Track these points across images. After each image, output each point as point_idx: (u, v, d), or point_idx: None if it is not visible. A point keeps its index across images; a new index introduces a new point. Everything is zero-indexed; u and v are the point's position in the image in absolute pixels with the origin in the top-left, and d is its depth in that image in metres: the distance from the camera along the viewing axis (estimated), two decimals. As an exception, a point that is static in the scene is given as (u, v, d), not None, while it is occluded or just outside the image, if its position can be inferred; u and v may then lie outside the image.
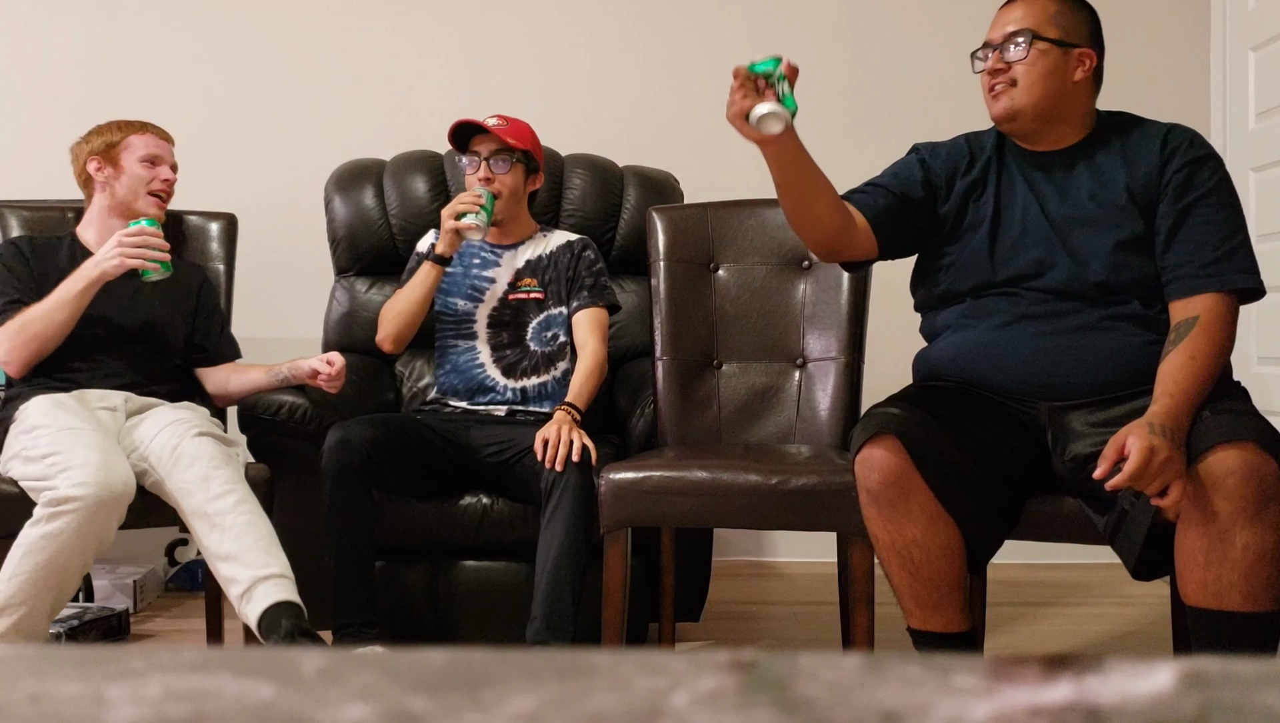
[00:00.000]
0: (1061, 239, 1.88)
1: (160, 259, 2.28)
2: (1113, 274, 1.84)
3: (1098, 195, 1.88)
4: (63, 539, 1.94)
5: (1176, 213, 1.82)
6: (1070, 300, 1.85)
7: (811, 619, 2.84)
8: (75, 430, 2.09)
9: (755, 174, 3.50)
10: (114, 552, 3.21)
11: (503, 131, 2.49)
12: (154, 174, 2.48)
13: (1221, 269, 1.78)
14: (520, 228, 2.62)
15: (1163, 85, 3.52)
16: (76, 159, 2.50)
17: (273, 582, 2.01)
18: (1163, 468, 1.58)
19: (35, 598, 1.96)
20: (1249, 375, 3.39)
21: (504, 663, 0.47)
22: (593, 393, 2.42)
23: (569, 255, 2.58)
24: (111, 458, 2.05)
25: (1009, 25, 1.90)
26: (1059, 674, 0.45)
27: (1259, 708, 0.42)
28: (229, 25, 3.48)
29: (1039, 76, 1.88)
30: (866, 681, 0.45)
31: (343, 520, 2.21)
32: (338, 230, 2.96)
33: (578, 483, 2.17)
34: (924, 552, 1.74)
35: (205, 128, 3.42)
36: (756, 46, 3.59)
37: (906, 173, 2.03)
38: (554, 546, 2.14)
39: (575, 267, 2.57)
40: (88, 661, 0.47)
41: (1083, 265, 1.86)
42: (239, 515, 2.05)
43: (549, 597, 2.12)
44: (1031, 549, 3.51)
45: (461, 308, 2.56)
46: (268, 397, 2.38)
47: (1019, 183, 1.95)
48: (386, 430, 2.29)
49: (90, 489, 1.95)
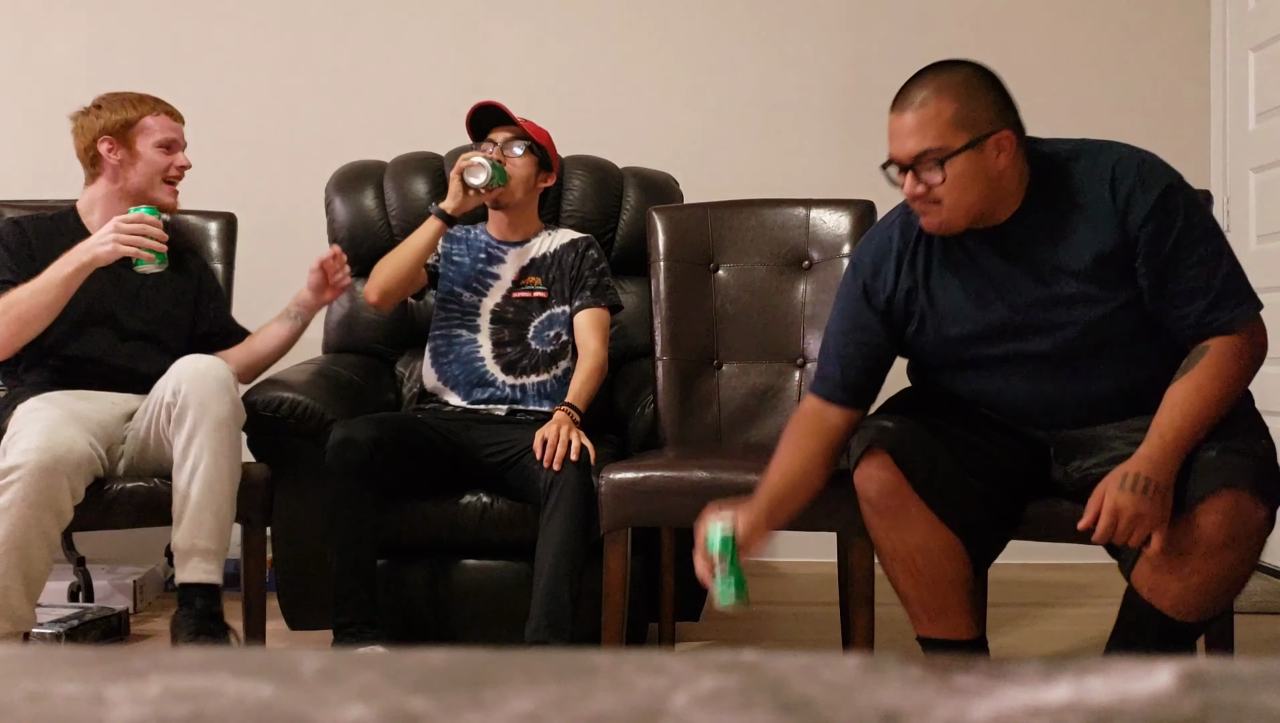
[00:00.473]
0: (1029, 321, 1.77)
1: (156, 249, 2.22)
2: (1094, 338, 1.76)
3: (1060, 266, 1.74)
4: (13, 511, 1.94)
5: (1156, 271, 1.71)
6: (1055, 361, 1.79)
7: (811, 619, 2.84)
8: (37, 411, 2.09)
9: (755, 175, 3.52)
10: (114, 552, 3.22)
11: (521, 121, 2.55)
12: (170, 160, 2.40)
13: (1219, 315, 1.71)
14: (527, 225, 2.63)
15: (1163, 85, 3.52)
16: (84, 132, 2.38)
17: (198, 559, 2.10)
18: (1133, 524, 1.59)
19: (4, 577, 1.95)
20: (1249, 375, 3.39)
21: (504, 663, 0.47)
22: (592, 394, 2.42)
23: (573, 254, 2.58)
24: (58, 427, 2.04)
25: (909, 144, 1.72)
26: (1059, 674, 0.45)
27: (1259, 708, 0.42)
28: (229, 26, 3.48)
29: (962, 188, 1.70)
30: (866, 681, 0.45)
31: (345, 519, 2.21)
32: (338, 232, 2.96)
33: (577, 483, 2.17)
34: (926, 556, 1.74)
35: (205, 128, 3.41)
36: (756, 47, 3.60)
37: (866, 334, 1.89)
38: (553, 545, 2.14)
39: (579, 266, 2.57)
40: (88, 661, 0.47)
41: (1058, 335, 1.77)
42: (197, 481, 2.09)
43: (547, 597, 2.12)
44: (1031, 549, 3.51)
45: (467, 299, 2.57)
46: (268, 394, 2.37)
47: (965, 268, 1.81)
48: (389, 430, 2.29)
49: (31, 456, 1.95)
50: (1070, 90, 3.50)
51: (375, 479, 2.23)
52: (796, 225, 2.52)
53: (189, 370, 2.14)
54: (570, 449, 2.19)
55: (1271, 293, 3.30)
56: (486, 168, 2.46)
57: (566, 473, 2.17)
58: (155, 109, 2.40)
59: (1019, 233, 1.76)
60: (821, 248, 2.50)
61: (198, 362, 2.17)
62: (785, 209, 2.54)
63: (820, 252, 2.50)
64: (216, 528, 2.12)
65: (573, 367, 2.51)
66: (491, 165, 2.47)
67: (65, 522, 2.03)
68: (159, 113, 2.40)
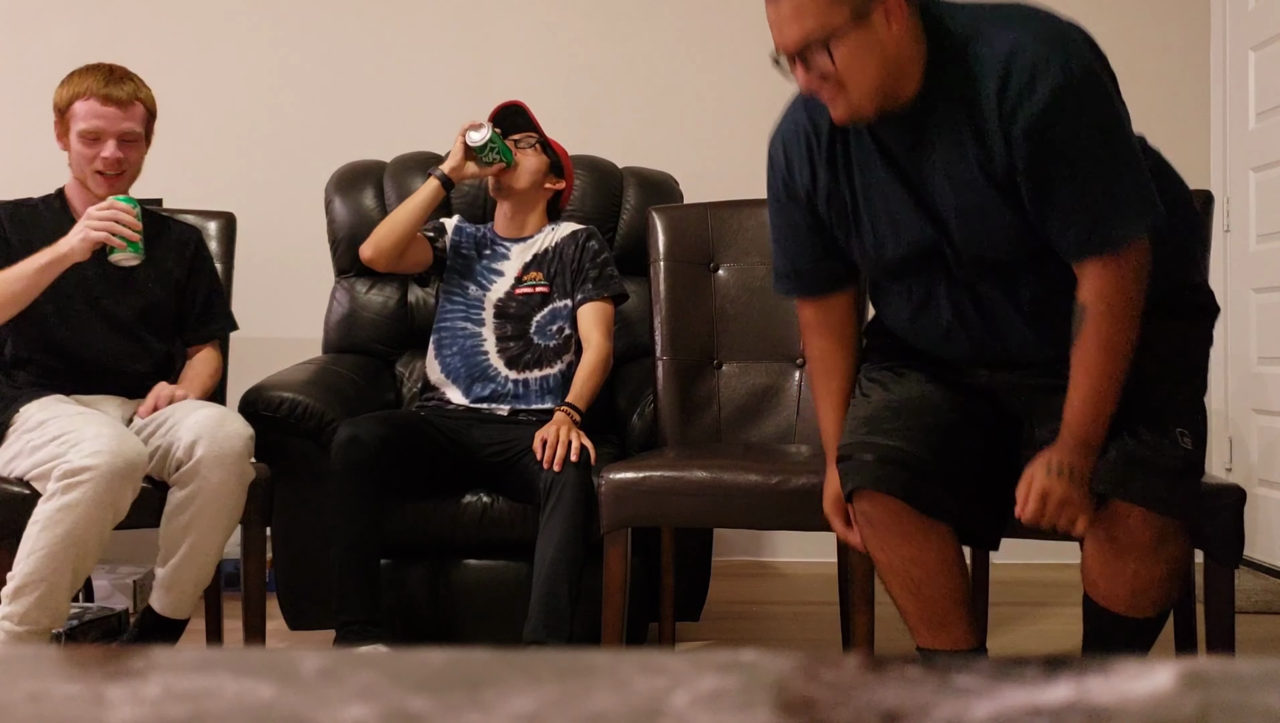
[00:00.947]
0: (941, 225, 1.66)
1: (128, 237, 2.14)
2: (1011, 251, 1.65)
3: (955, 174, 1.62)
4: (79, 511, 1.94)
5: (1034, 186, 1.57)
6: (974, 271, 1.69)
7: (811, 619, 2.84)
8: (83, 414, 2.11)
9: (755, 175, 3.51)
10: (114, 552, 3.21)
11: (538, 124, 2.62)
12: (95, 152, 2.22)
13: (1098, 234, 1.57)
14: (531, 222, 2.64)
15: (1163, 85, 3.52)
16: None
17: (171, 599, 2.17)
18: (1060, 509, 1.59)
19: (55, 573, 1.95)
20: (1249, 375, 3.40)
21: (504, 663, 0.47)
22: (594, 391, 2.42)
23: (573, 246, 2.59)
24: (121, 430, 2.06)
25: (791, 32, 1.60)
26: (1059, 674, 0.45)
27: (1259, 708, 0.42)
28: (229, 27, 3.48)
29: (860, 67, 1.56)
30: (866, 681, 0.45)
31: (349, 518, 2.20)
32: (338, 231, 2.96)
33: (576, 483, 2.17)
34: (922, 569, 1.74)
35: (205, 129, 3.42)
36: (756, 48, 3.59)
37: (804, 230, 1.81)
38: (552, 546, 2.15)
39: (579, 258, 2.57)
40: (88, 661, 0.47)
41: (975, 246, 1.66)
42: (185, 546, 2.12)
43: (546, 597, 2.12)
44: (1031, 549, 3.51)
45: (472, 292, 2.59)
46: (268, 393, 2.37)
47: (875, 162, 1.69)
48: (394, 429, 2.29)
49: (104, 458, 1.95)
50: (1070, 90, 3.50)
51: (380, 478, 2.23)
52: (796, 225, 2.52)
53: (210, 434, 2.09)
54: (570, 450, 2.19)
55: (1271, 293, 3.31)
56: (488, 130, 2.49)
57: (566, 474, 2.17)
58: (89, 92, 2.20)
59: (929, 122, 1.62)
60: (821, 248, 2.49)
61: (225, 425, 2.13)
62: (785, 209, 2.54)
63: (820, 251, 2.50)
64: (195, 583, 2.16)
65: (577, 361, 2.51)
66: (494, 136, 2.50)
67: (120, 519, 2.03)
68: (90, 96, 2.20)
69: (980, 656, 1.82)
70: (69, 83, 2.26)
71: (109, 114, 2.22)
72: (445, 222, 2.70)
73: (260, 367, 2.66)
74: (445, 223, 2.70)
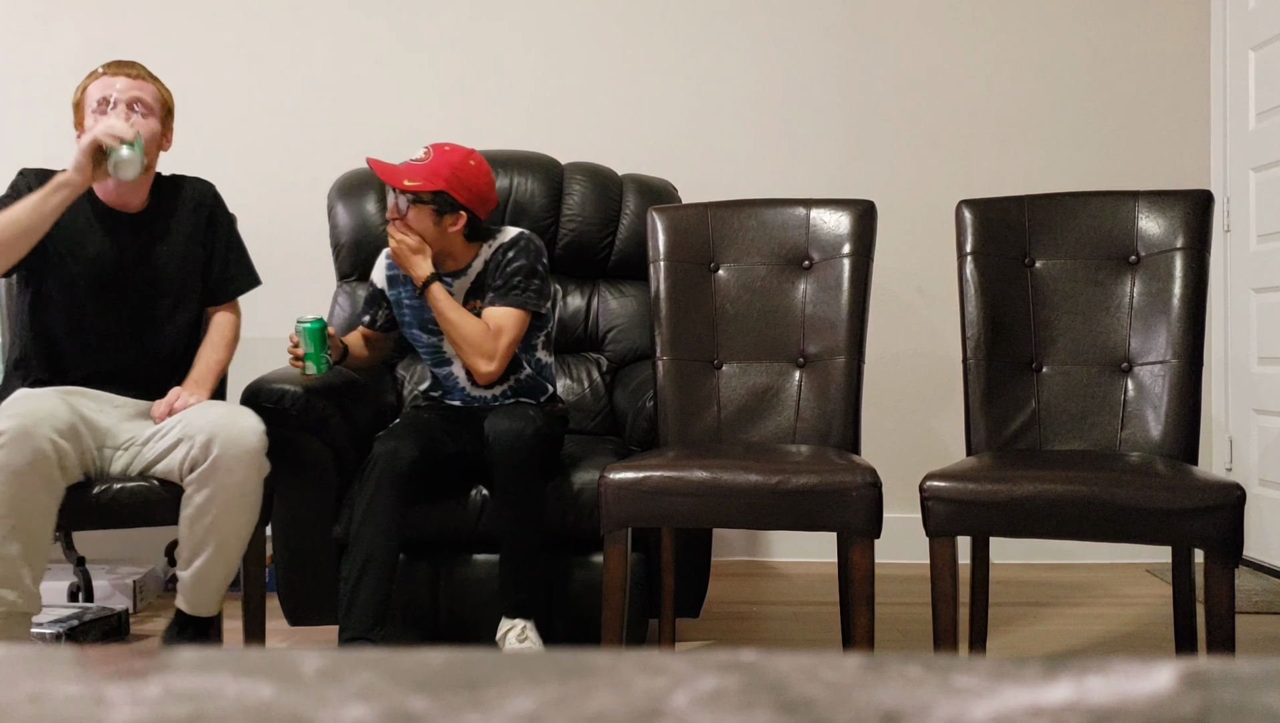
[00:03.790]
0: None
1: (124, 136, 2.11)
2: None
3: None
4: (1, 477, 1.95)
5: None
6: None
7: (811, 619, 2.84)
8: (35, 396, 2.12)
9: (752, 182, 3.52)
10: (114, 552, 3.22)
11: (414, 170, 2.34)
12: (102, 116, 2.24)
13: None
14: (460, 256, 2.45)
15: (1163, 85, 3.52)
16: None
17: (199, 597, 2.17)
18: None
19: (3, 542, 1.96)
20: (1249, 375, 3.40)
21: (504, 663, 0.47)
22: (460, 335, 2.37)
23: (496, 261, 2.45)
24: (43, 398, 2.09)
25: None
26: (1059, 674, 0.45)
27: (1259, 708, 0.42)
28: (230, 29, 3.48)
29: None
30: (866, 681, 0.45)
31: (376, 529, 2.19)
32: (340, 236, 2.98)
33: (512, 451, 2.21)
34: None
35: (207, 130, 3.42)
36: (756, 54, 3.61)
37: None
38: (506, 522, 2.24)
39: (495, 271, 2.44)
40: (88, 661, 0.47)
41: None
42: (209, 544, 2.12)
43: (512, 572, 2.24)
44: (1031, 549, 3.52)
45: (426, 340, 2.52)
46: (269, 387, 2.38)
47: None
48: (430, 442, 2.31)
49: (14, 420, 1.98)
50: (1070, 90, 3.50)
51: (412, 493, 2.25)
52: (796, 225, 2.52)
53: (224, 432, 2.10)
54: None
55: (1272, 293, 3.31)
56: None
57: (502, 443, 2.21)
58: (98, 75, 2.29)
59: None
60: (821, 248, 2.50)
61: (237, 421, 2.14)
62: (785, 209, 2.54)
63: (820, 252, 2.50)
64: (223, 580, 2.17)
65: (533, 364, 2.52)
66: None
67: (57, 490, 2.03)
68: (100, 77, 2.29)
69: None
70: (82, 84, 2.31)
71: (118, 83, 2.27)
72: (375, 282, 2.57)
73: (261, 369, 2.66)
74: (376, 284, 2.57)
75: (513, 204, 2.95)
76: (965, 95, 3.53)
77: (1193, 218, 2.33)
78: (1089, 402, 2.33)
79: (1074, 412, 2.34)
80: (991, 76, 3.51)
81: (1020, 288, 2.40)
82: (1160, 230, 2.35)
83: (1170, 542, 1.97)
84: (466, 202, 2.37)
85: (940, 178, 3.50)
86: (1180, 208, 2.34)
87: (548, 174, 2.99)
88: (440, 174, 2.35)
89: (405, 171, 2.35)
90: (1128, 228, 2.38)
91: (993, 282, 2.40)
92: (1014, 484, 1.96)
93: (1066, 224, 2.41)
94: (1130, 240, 2.37)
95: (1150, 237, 2.36)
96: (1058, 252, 2.41)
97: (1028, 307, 2.39)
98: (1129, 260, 2.37)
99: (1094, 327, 2.37)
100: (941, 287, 3.42)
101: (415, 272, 2.37)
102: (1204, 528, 1.87)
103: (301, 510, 2.38)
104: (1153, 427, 2.27)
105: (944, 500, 1.99)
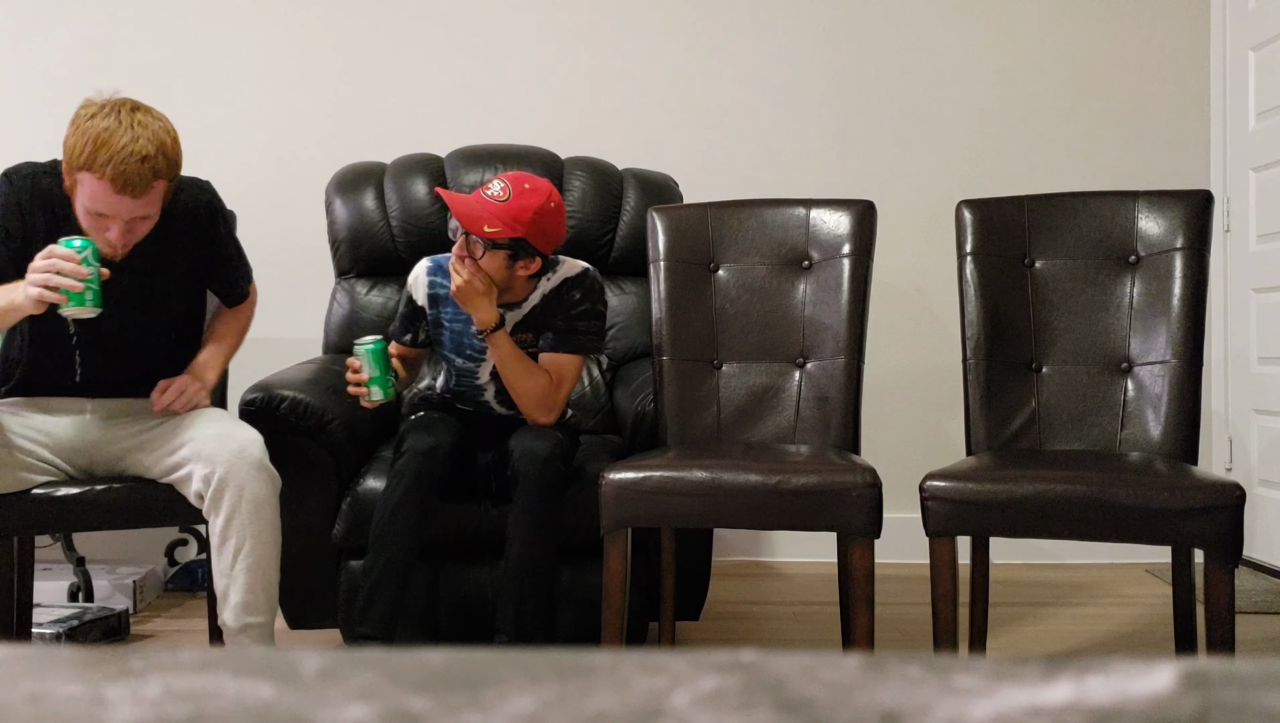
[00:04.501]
0: None
1: (71, 288, 1.92)
2: None
3: None
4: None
5: None
6: None
7: (811, 619, 2.84)
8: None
9: (753, 177, 3.52)
10: (114, 552, 3.22)
11: (494, 213, 2.17)
12: (100, 226, 2.06)
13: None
14: (519, 291, 2.33)
15: (1163, 85, 3.52)
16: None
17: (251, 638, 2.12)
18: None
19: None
20: (1249, 375, 3.40)
21: (504, 663, 0.47)
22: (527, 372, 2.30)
23: (556, 298, 2.34)
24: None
25: None
26: (1059, 674, 0.45)
27: (1259, 708, 0.42)
28: (230, 27, 3.48)
29: None
30: (866, 681, 0.45)
31: (406, 528, 2.16)
32: (338, 233, 2.97)
33: (541, 472, 2.17)
34: None
35: (206, 128, 3.42)
36: (756, 48, 3.60)
37: None
38: (518, 542, 2.17)
39: (555, 309, 2.34)
40: (88, 661, 0.47)
41: None
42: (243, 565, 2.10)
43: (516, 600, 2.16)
44: (1031, 549, 3.52)
45: (461, 365, 2.41)
46: (269, 391, 2.37)
47: None
48: (460, 443, 2.28)
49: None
50: (1070, 90, 3.50)
51: (438, 492, 2.23)
52: (796, 225, 2.52)
53: (224, 451, 2.09)
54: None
55: (1272, 293, 3.31)
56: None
57: (529, 462, 2.17)
58: (102, 170, 1.97)
59: None
60: (821, 248, 2.50)
61: (235, 436, 2.12)
62: (785, 209, 2.54)
63: (820, 252, 2.50)
64: (266, 602, 2.13)
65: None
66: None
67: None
68: (101, 177, 1.98)
69: None
70: (81, 135, 2.00)
71: (121, 204, 2.01)
72: (415, 298, 2.40)
73: (260, 367, 2.66)
74: (416, 300, 2.40)
75: (513, 203, 2.95)
76: (965, 95, 3.53)
77: (1192, 218, 2.33)
78: (1089, 402, 2.33)
79: (1074, 412, 2.34)
80: (991, 76, 3.51)
81: (1020, 288, 2.40)
82: (1160, 230, 2.35)
83: (1170, 542, 1.97)
84: (542, 247, 2.23)
85: (940, 178, 3.50)
86: (1180, 208, 2.34)
87: (548, 169, 2.99)
88: (522, 220, 2.17)
89: (484, 215, 2.16)
90: (1128, 228, 2.38)
91: (993, 282, 2.40)
92: (1014, 484, 1.96)
93: (1066, 224, 2.41)
94: (1130, 240, 2.37)
95: (1150, 237, 2.36)
96: (1058, 252, 2.41)
97: (1028, 307, 2.39)
98: (1129, 260, 2.37)
99: (1094, 327, 2.37)
100: (941, 287, 3.42)
101: (481, 316, 2.24)
102: (1204, 528, 1.87)
103: (301, 515, 2.38)
104: (1152, 427, 2.27)
105: (944, 500, 1.99)
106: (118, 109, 2.02)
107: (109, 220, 2.04)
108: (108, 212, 2.02)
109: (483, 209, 2.17)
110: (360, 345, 2.21)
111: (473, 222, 2.16)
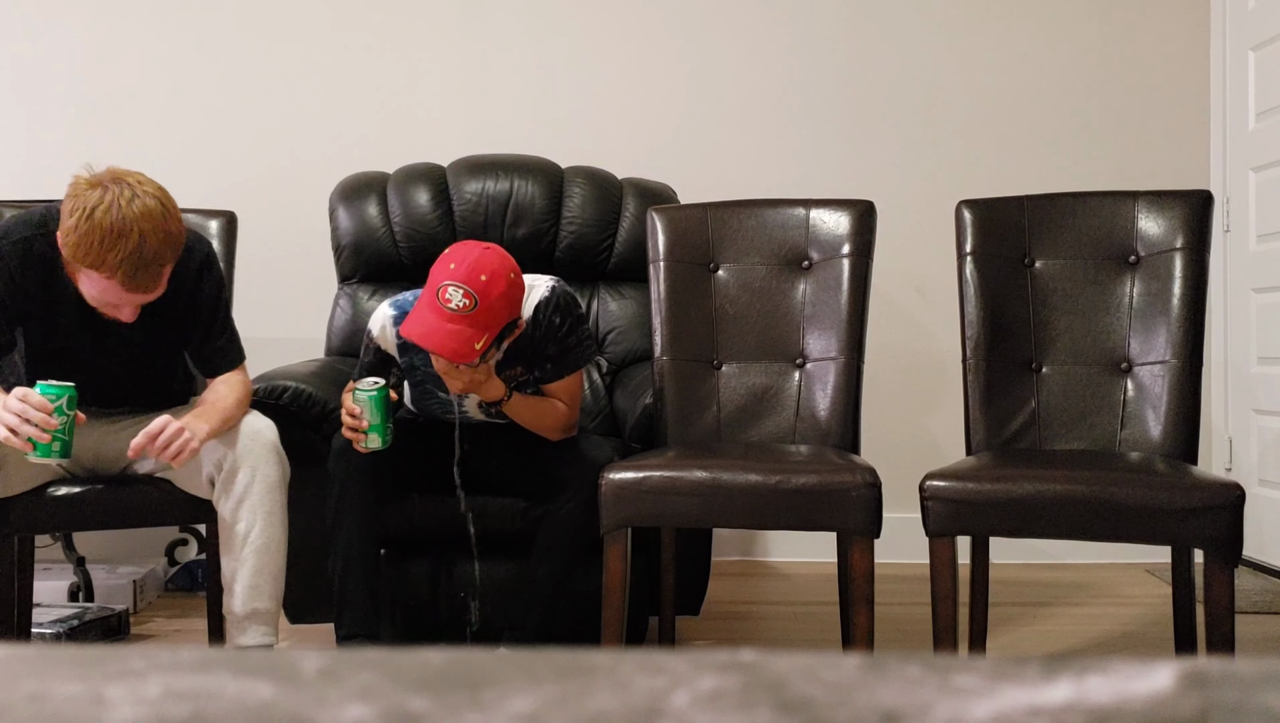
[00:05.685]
0: None
1: (39, 438, 1.90)
2: None
3: None
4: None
5: None
6: None
7: (811, 619, 2.84)
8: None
9: (751, 186, 3.52)
10: (114, 552, 3.22)
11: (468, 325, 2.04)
12: (108, 306, 2.05)
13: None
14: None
15: (1163, 85, 3.52)
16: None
17: (257, 624, 2.13)
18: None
19: None
20: (1248, 375, 3.40)
21: (504, 663, 0.47)
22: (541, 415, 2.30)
23: (536, 327, 2.25)
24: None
25: None
26: (1059, 674, 0.45)
27: (1259, 708, 0.42)
28: (231, 33, 3.48)
29: None
30: (866, 681, 0.45)
31: (351, 524, 2.19)
32: (342, 239, 2.99)
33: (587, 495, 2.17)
34: None
35: (207, 132, 3.42)
36: (756, 55, 3.60)
37: None
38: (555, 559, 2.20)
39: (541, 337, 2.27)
40: (88, 661, 0.47)
41: None
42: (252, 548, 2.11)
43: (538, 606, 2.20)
44: (1031, 549, 3.52)
45: (442, 397, 2.33)
46: (271, 382, 2.38)
47: None
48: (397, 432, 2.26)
49: None
50: (1071, 90, 3.50)
51: (377, 481, 2.22)
52: (796, 225, 2.52)
53: (238, 434, 2.12)
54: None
55: (1271, 293, 3.31)
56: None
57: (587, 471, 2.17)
58: (112, 272, 1.94)
59: None
60: (821, 248, 2.50)
61: (249, 421, 2.15)
62: (785, 209, 2.54)
63: (820, 252, 2.50)
64: (273, 590, 2.15)
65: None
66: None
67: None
68: (114, 278, 1.95)
69: None
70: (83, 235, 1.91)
71: (134, 297, 2.01)
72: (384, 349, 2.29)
73: (262, 368, 2.66)
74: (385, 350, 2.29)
75: (514, 208, 2.96)
76: (965, 95, 3.53)
77: (1192, 218, 2.33)
78: (1089, 402, 2.33)
79: (1074, 412, 2.34)
80: (991, 77, 3.51)
81: (1020, 288, 2.40)
82: (1160, 230, 2.35)
83: (1170, 542, 1.97)
84: (516, 315, 2.15)
85: (940, 178, 3.50)
86: (1180, 208, 2.34)
87: (548, 178, 3.00)
88: (498, 317, 2.08)
89: (464, 336, 2.03)
90: (1127, 228, 2.38)
91: (992, 282, 2.39)
92: (1013, 484, 1.96)
93: (1066, 224, 2.41)
94: (1130, 240, 2.37)
95: (1150, 237, 2.36)
96: (1057, 252, 2.41)
97: (1027, 307, 2.39)
98: (1129, 260, 2.37)
99: (1094, 327, 2.37)
100: (941, 287, 3.42)
101: (490, 396, 2.20)
102: (1203, 528, 1.87)
103: (301, 506, 2.38)
104: (1152, 427, 2.27)
105: (944, 500, 1.99)
106: (116, 201, 1.92)
107: (120, 306, 2.04)
108: (118, 302, 2.02)
109: (458, 330, 2.03)
110: (362, 391, 2.13)
111: (461, 354, 2.04)
